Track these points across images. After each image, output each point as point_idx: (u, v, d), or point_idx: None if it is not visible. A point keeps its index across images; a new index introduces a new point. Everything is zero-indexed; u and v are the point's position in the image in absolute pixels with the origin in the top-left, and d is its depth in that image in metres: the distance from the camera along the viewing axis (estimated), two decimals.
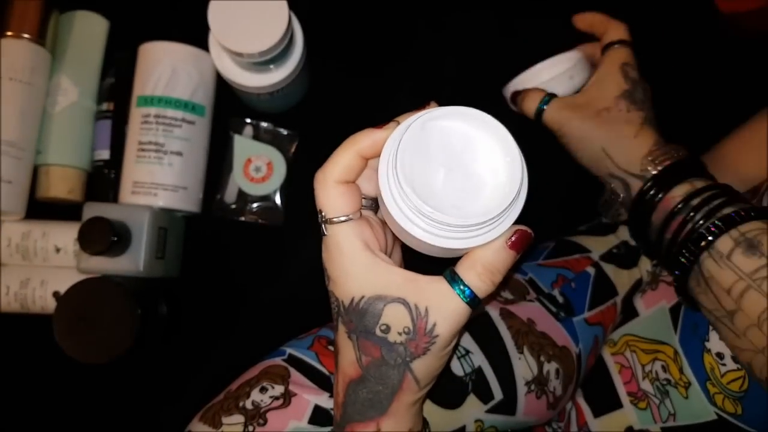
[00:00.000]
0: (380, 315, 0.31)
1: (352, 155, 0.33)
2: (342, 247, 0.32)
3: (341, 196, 0.33)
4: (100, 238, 0.49)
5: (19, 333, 0.58)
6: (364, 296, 0.31)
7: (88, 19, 0.60)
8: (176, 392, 0.58)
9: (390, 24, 0.65)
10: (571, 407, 0.52)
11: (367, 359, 0.32)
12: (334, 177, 0.33)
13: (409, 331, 0.31)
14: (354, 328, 0.32)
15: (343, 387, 0.34)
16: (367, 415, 0.33)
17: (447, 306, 0.31)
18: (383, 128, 0.32)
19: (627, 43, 0.50)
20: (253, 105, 0.61)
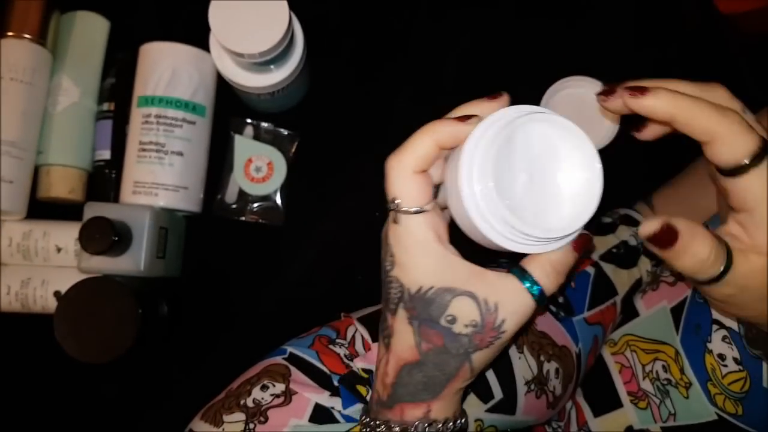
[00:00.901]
0: (447, 306, 0.32)
1: (431, 145, 0.32)
2: (416, 237, 0.32)
3: (418, 187, 0.32)
4: (101, 237, 0.49)
5: (19, 333, 0.58)
6: (433, 287, 0.32)
7: (89, 20, 0.60)
8: (177, 392, 0.58)
9: (390, 24, 0.65)
10: (571, 406, 0.52)
11: (427, 346, 0.33)
12: (412, 166, 0.32)
13: (476, 324, 0.32)
14: (417, 315, 0.33)
15: (396, 368, 0.34)
16: (419, 397, 0.34)
17: (516, 303, 0.32)
18: (466, 122, 0.31)
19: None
20: (253, 105, 0.61)
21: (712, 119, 0.28)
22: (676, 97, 0.29)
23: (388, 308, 0.34)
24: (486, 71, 0.66)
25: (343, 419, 0.42)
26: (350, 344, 0.47)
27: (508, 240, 0.31)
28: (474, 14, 0.66)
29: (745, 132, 0.28)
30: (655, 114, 0.29)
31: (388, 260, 0.33)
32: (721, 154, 0.29)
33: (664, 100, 0.29)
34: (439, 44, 0.65)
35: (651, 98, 0.29)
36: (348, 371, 0.44)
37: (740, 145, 0.28)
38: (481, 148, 0.30)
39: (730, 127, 0.28)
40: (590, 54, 0.66)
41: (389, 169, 0.33)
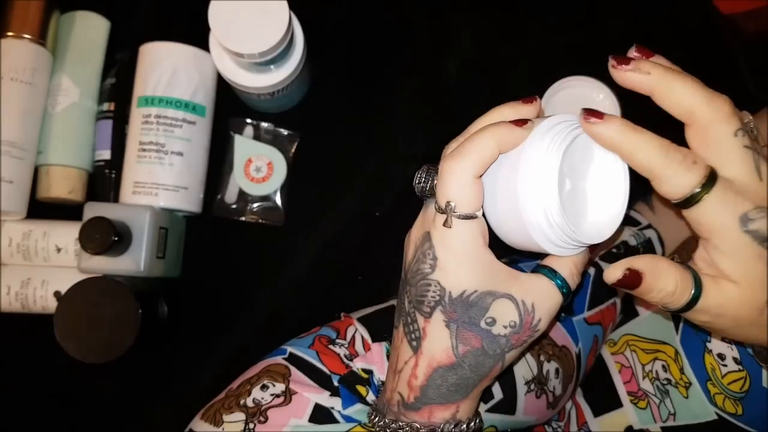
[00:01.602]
0: (488, 309, 0.33)
1: (494, 149, 0.31)
2: (466, 243, 0.32)
3: (476, 193, 0.32)
4: (101, 237, 0.49)
5: (19, 333, 0.58)
6: (477, 291, 0.32)
7: (89, 20, 0.60)
8: (177, 391, 0.58)
9: (390, 24, 0.65)
10: (571, 407, 0.52)
11: (465, 348, 0.33)
12: (474, 171, 0.31)
13: (515, 325, 0.33)
14: (456, 319, 0.33)
15: (428, 371, 0.34)
16: (451, 398, 0.35)
17: (549, 301, 0.34)
18: (524, 127, 0.31)
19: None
20: (253, 105, 0.61)
21: (651, 160, 0.29)
22: (624, 130, 0.29)
23: (421, 311, 0.34)
24: (486, 71, 0.66)
25: (342, 419, 0.42)
26: (350, 344, 0.47)
27: (552, 244, 0.32)
28: (474, 14, 0.66)
29: (685, 171, 0.28)
30: (602, 141, 0.30)
31: (428, 263, 0.33)
32: (663, 191, 0.29)
33: (612, 131, 0.29)
34: (439, 44, 0.65)
35: (602, 126, 0.30)
36: (348, 371, 0.44)
37: (679, 183, 0.29)
38: (545, 156, 0.30)
39: (668, 167, 0.29)
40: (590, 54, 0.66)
41: (448, 172, 0.32)
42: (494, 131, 0.31)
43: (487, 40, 0.66)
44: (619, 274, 0.30)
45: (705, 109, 0.29)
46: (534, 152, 0.31)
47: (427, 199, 0.35)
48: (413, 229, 0.36)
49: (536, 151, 0.31)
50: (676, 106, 0.30)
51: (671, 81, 0.30)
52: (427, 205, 0.35)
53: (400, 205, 0.62)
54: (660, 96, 0.30)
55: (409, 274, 0.35)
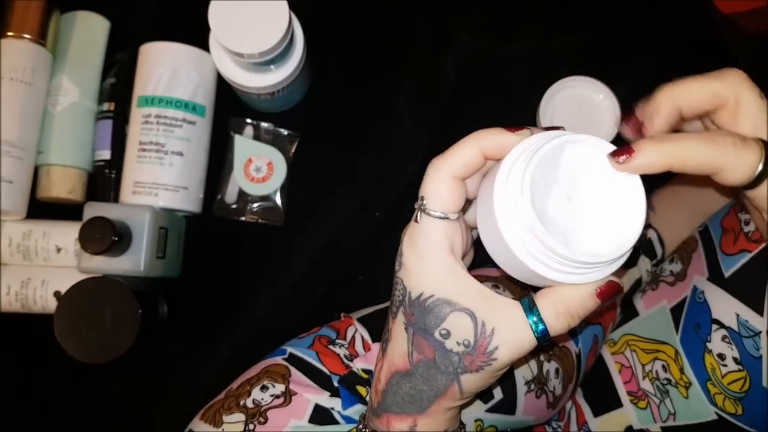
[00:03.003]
0: (444, 319, 0.31)
1: (476, 152, 0.31)
2: (429, 241, 0.31)
3: (449, 192, 0.31)
4: (101, 237, 0.49)
5: (19, 333, 0.58)
6: (433, 295, 0.31)
7: (89, 20, 0.60)
8: (177, 392, 0.58)
9: (390, 24, 0.65)
10: (571, 406, 0.52)
11: (418, 357, 0.32)
12: (452, 170, 0.31)
13: (468, 344, 0.31)
14: (413, 323, 0.32)
15: (387, 376, 0.34)
16: (405, 409, 0.33)
17: (515, 334, 0.30)
18: (515, 132, 0.31)
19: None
20: (253, 105, 0.61)
21: (706, 155, 0.28)
22: (663, 148, 0.28)
23: (391, 311, 0.34)
24: (486, 72, 0.66)
25: (342, 420, 0.42)
26: (350, 344, 0.47)
27: (539, 263, 0.29)
28: (474, 14, 0.66)
29: (743, 149, 0.28)
30: (652, 170, 0.28)
31: (398, 260, 0.33)
32: (732, 179, 0.28)
33: (654, 156, 0.28)
34: (439, 44, 0.65)
35: (641, 157, 0.28)
36: (348, 372, 0.44)
37: (745, 163, 0.28)
38: (520, 161, 0.29)
39: (726, 153, 0.28)
40: (590, 54, 0.66)
41: (429, 168, 0.32)
42: (478, 135, 0.31)
43: (487, 40, 0.66)
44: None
45: (725, 88, 0.29)
46: (508, 158, 0.29)
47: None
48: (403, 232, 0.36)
49: (510, 157, 0.29)
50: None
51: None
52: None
53: (400, 205, 0.62)
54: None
55: (395, 275, 0.34)
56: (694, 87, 0.30)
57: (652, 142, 0.28)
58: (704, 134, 0.29)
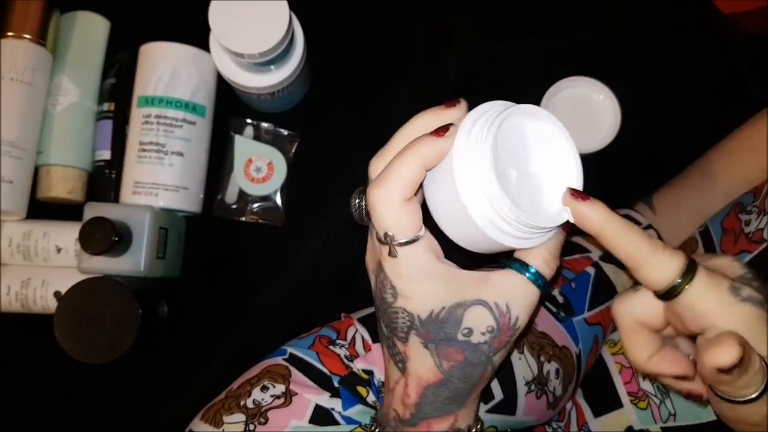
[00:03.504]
0: (461, 321, 0.32)
1: (418, 168, 0.30)
2: (418, 265, 0.31)
3: (410, 216, 0.31)
4: (101, 238, 0.49)
5: (19, 333, 0.58)
6: (444, 307, 0.31)
7: (89, 20, 0.60)
8: (177, 392, 0.58)
9: (390, 24, 0.65)
10: (571, 407, 0.52)
11: (449, 364, 0.33)
12: (401, 196, 0.30)
13: (493, 329, 0.32)
14: (432, 338, 0.32)
15: (418, 390, 0.34)
16: (447, 410, 0.34)
17: (524, 297, 0.33)
18: (445, 136, 0.30)
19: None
20: (253, 105, 0.61)
21: (638, 244, 0.29)
22: (609, 216, 0.30)
23: (397, 336, 0.33)
24: (486, 71, 0.66)
25: (343, 420, 0.42)
26: (350, 345, 0.47)
27: (514, 238, 0.31)
28: (475, 15, 0.66)
29: (669, 254, 0.29)
30: (586, 225, 0.30)
31: (389, 293, 0.32)
32: (653, 278, 0.30)
33: (599, 215, 0.30)
34: (439, 44, 0.65)
35: (587, 206, 0.30)
36: (348, 372, 0.44)
37: (667, 267, 0.29)
38: (475, 152, 0.29)
39: (654, 253, 0.29)
40: (590, 54, 0.66)
41: (375, 202, 0.30)
42: (415, 150, 0.30)
43: (487, 40, 0.66)
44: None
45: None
46: (464, 152, 0.29)
47: (371, 225, 0.33)
48: (367, 255, 0.35)
49: (465, 150, 0.29)
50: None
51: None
52: (372, 233, 0.34)
53: None
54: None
55: (376, 301, 0.34)
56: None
57: (604, 209, 0.30)
58: (642, 231, 0.30)
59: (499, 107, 0.30)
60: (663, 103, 0.67)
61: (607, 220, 0.30)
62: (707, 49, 0.67)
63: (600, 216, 0.30)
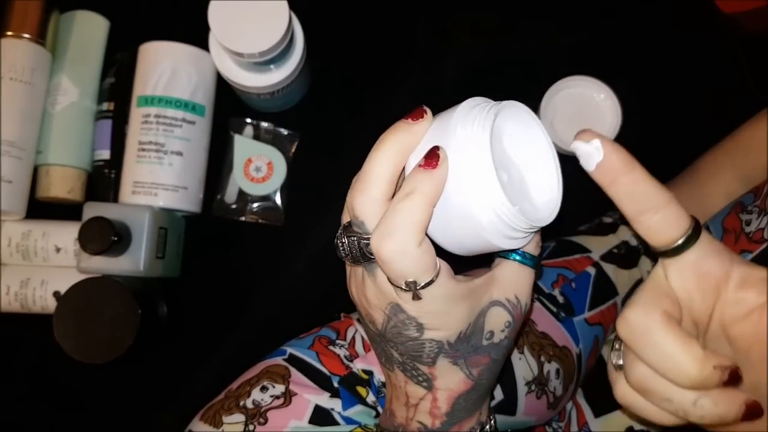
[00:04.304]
0: (483, 327, 0.32)
1: (429, 211, 0.28)
2: (442, 298, 0.30)
3: (429, 256, 0.29)
4: (101, 237, 0.49)
5: (19, 333, 0.58)
6: (470, 323, 0.32)
7: (88, 19, 0.60)
8: (176, 392, 0.58)
9: (390, 24, 0.65)
10: (572, 407, 0.52)
11: (478, 370, 0.33)
12: (418, 243, 0.28)
13: (509, 323, 0.33)
14: (461, 355, 0.32)
15: (449, 401, 0.34)
16: (475, 408, 0.35)
17: (525, 281, 0.34)
18: (439, 166, 0.28)
19: None
20: (253, 105, 0.61)
21: (658, 191, 0.27)
22: (632, 161, 0.27)
23: (421, 362, 0.33)
24: (486, 71, 0.66)
25: (343, 421, 0.42)
26: (350, 345, 0.47)
27: (508, 239, 0.30)
28: (475, 15, 0.66)
29: (681, 212, 0.27)
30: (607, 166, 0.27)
31: (412, 329, 0.31)
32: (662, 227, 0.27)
33: (621, 155, 0.26)
34: (439, 44, 0.65)
35: (611, 148, 0.26)
36: (348, 372, 0.44)
37: (680, 220, 0.26)
38: (474, 154, 0.28)
39: (670, 202, 0.27)
40: (590, 54, 0.66)
41: (391, 256, 0.28)
42: (420, 192, 0.28)
43: (487, 40, 0.66)
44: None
45: None
46: (459, 164, 0.28)
47: (368, 265, 0.31)
48: (367, 293, 0.32)
49: (460, 162, 0.28)
50: None
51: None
52: (372, 271, 0.31)
53: None
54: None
55: (387, 334, 0.32)
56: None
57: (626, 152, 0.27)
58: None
59: (479, 111, 0.29)
60: (663, 102, 0.67)
61: (632, 158, 0.27)
62: (708, 49, 0.67)
63: (627, 155, 0.27)
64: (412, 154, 0.30)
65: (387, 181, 0.30)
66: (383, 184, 0.30)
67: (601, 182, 0.27)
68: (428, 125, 0.31)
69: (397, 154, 0.30)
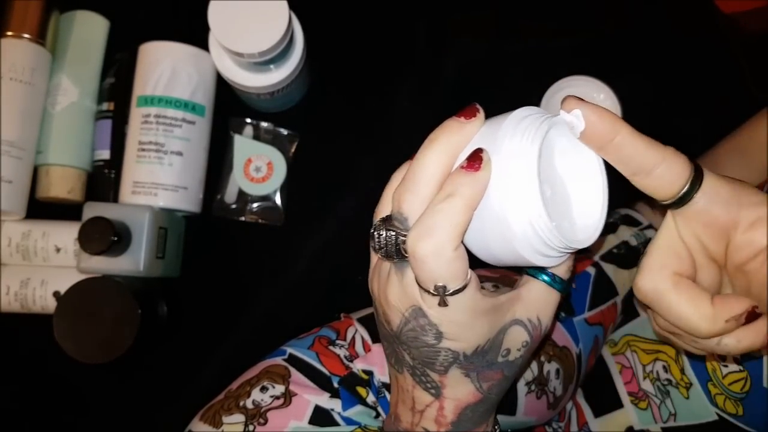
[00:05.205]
0: (501, 344, 0.32)
1: (469, 214, 0.28)
2: (467, 309, 0.30)
3: (462, 264, 0.28)
4: (101, 237, 0.49)
5: (19, 333, 0.58)
6: (489, 339, 0.31)
7: (88, 19, 0.60)
8: (176, 392, 0.58)
9: (390, 24, 0.65)
10: (572, 407, 0.52)
11: (488, 384, 0.33)
12: (453, 246, 0.28)
13: (527, 343, 0.33)
14: (475, 368, 0.32)
15: (456, 411, 0.33)
16: (482, 421, 0.35)
17: (550, 304, 0.33)
18: (482, 168, 0.27)
19: None
20: (253, 105, 0.61)
21: (648, 147, 0.27)
22: (616, 119, 0.27)
23: (432, 369, 0.32)
24: (486, 71, 0.66)
25: (343, 421, 0.42)
26: (350, 345, 0.47)
27: (542, 256, 0.29)
28: (475, 15, 0.66)
29: (678, 156, 0.27)
30: (598, 130, 0.28)
31: (431, 335, 0.30)
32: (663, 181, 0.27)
33: (610, 118, 0.27)
34: (439, 44, 0.65)
35: (597, 113, 0.27)
36: (348, 372, 0.44)
37: (679, 168, 0.27)
38: (520, 164, 0.27)
39: (664, 155, 0.27)
40: (590, 54, 0.66)
41: (425, 255, 0.28)
42: (461, 195, 0.27)
43: (487, 40, 0.66)
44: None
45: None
46: (506, 162, 0.27)
47: (399, 263, 0.31)
48: (389, 292, 0.31)
49: (509, 160, 0.27)
50: None
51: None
52: (401, 269, 0.31)
53: None
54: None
55: (402, 337, 0.32)
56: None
57: (611, 113, 0.28)
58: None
59: (532, 121, 0.28)
60: (663, 102, 0.67)
61: (619, 121, 0.27)
62: (707, 49, 0.67)
63: (611, 119, 0.27)
64: (462, 154, 0.30)
65: (436, 182, 0.29)
66: (433, 184, 0.29)
67: (590, 148, 0.29)
68: (479, 125, 0.29)
69: (446, 155, 0.29)
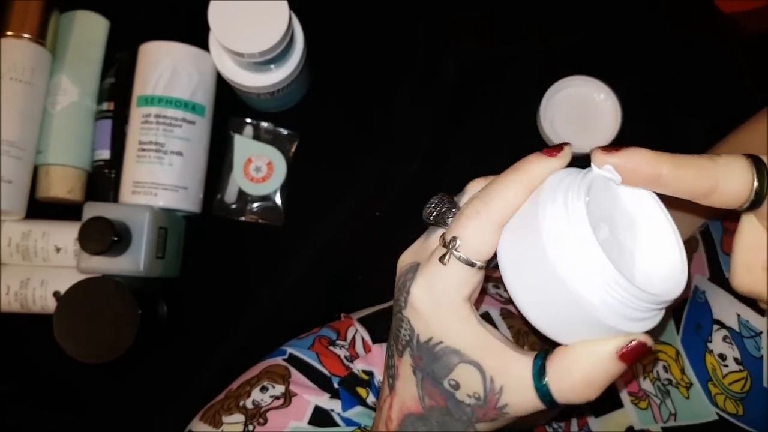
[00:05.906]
0: (452, 369, 0.29)
1: (525, 194, 0.27)
2: (449, 288, 0.28)
3: (492, 242, 0.28)
4: (101, 237, 0.49)
5: (19, 333, 0.58)
6: (442, 342, 0.29)
7: (88, 19, 0.60)
8: (176, 392, 0.58)
9: (390, 24, 0.65)
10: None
11: (431, 403, 0.30)
12: (500, 218, 0.27)
13: (479, 398, 0.29)
14: (422, 367, 0.30)
15: (399, 416, 0.32)
16: None
17: (523, 397, 0.28)
18: (558, 155, 0.27)
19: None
20: (253, 105, 0.61)
21: (701, 168, 0.26)
22: (657, 154, 0.26)
23: (396, 347, 0.31)
24: (486, 71, 0.66)
25: (342, 422, 0.42)
26: (350, 345, 0.47)
27: (625, 320, 0.25)
28: (474, 14, 0.66)
29: (730, 159, 0.26)
30: (639, 174, 0.26)
31: (404, 296, 0.30)
32: (730, 194, 0.26)
33: (648, 157, 0.26)
34: (439, 44, 0.65)
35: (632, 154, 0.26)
36: (348, 373, 0.44)
37: (738, 171, 0.26)
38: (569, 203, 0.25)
39: (717, 167, 0.26)
40: (590, 54, 0.66)
41: (469, 210, 0.28)
42: (523, 169, 0.27)
43: (487, 40, 0.66)
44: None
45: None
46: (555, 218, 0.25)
47: (430, 228, 0.32)
48: (405, 253, 0.32)
49: (557, 215, 0.25)
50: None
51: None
52: (428, 235, 0.32)
53: (400, 205, 0.62)
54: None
55: (394, 300, 0.32)
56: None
57: (647, 150, 0.26)
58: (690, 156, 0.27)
59: (570, 183, 0.26)
60: (663, 102, 0.67)
61: (657, 158, 0.26)
62: (707, 49, 0.67)
63: (646, 161, 0.26)
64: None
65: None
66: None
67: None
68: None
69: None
